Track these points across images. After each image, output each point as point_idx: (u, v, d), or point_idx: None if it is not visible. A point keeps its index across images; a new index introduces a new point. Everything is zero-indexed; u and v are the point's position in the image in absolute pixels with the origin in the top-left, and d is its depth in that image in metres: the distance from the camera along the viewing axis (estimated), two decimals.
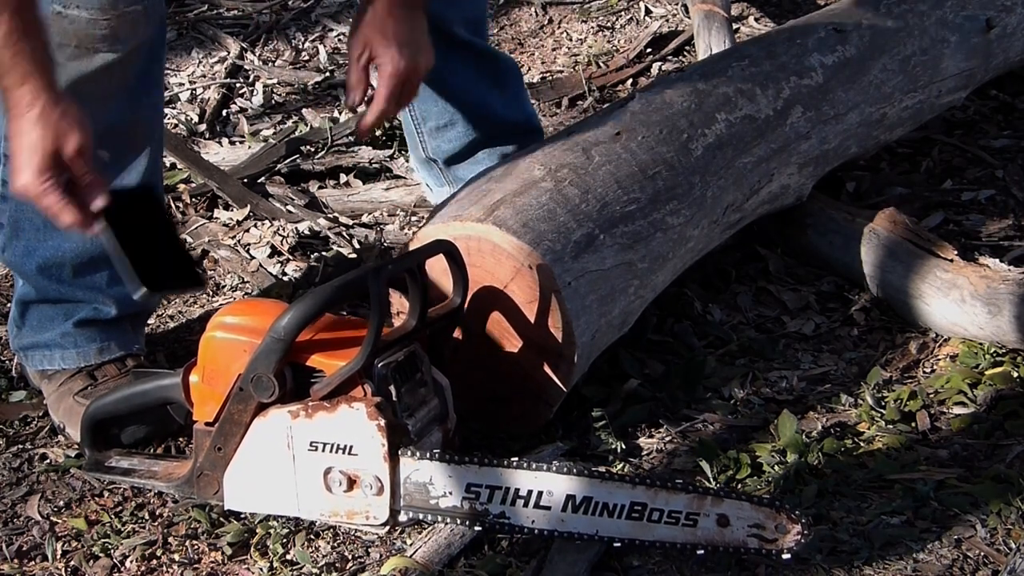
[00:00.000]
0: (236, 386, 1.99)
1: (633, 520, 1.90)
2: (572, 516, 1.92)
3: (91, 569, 2.06)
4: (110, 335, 2.38)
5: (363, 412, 1.95)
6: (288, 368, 1.98)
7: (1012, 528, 2.04)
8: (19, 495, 2.22)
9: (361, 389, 1.97)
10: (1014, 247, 2.83)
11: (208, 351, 2.05)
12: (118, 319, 2.37)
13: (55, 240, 2.29)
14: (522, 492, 1.94)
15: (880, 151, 3.14)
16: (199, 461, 2.06)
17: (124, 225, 1.98)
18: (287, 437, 1.98)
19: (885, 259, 2.66)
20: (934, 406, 2.39)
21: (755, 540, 1.87)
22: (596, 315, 2.24)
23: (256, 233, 2.88)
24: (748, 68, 2.69)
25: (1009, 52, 3.17)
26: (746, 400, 2.41)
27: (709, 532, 1.89)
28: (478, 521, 1.96)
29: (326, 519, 2.02)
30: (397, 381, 2.00)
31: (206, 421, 2.05)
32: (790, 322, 2.66)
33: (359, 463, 1.96)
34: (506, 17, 3.89)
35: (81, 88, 2.09)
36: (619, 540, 1.92)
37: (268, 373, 1.96)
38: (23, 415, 2.41)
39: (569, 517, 1.93)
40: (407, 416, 2.01)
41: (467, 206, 2.24)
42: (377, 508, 1.97)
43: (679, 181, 2.42)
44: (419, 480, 1.96)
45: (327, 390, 1.97)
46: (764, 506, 1.87)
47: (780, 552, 1.87)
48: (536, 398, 2.24)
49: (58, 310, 2.35)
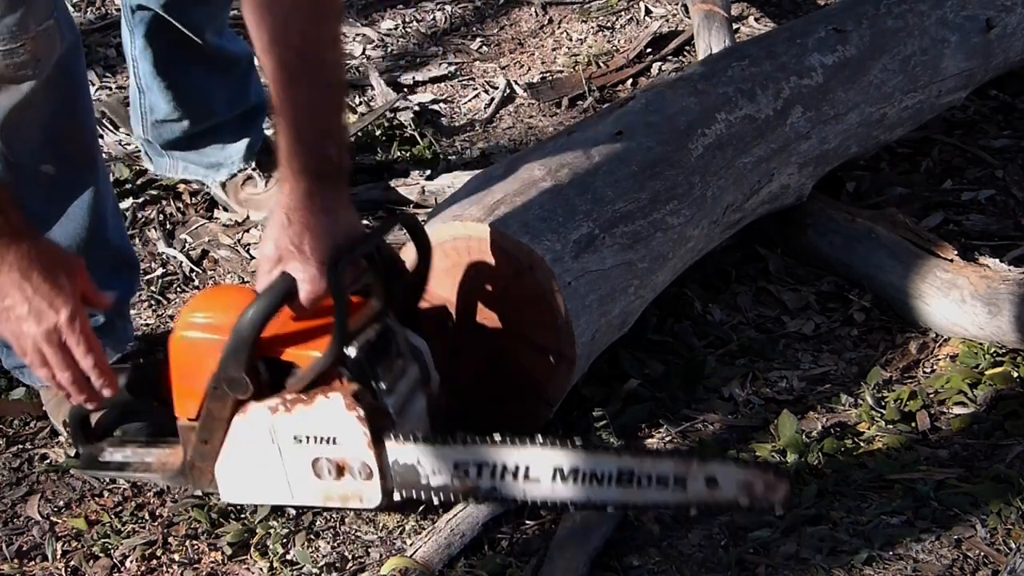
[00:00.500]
0: (211, 384, 1.97)
1: (623, 487, 1.91)
2: (562, 486, 1.93)
3: (91, 569, 2.06)
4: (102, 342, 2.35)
5: (341, 403, 1.94)
6: (261, 362, 1.95)
7: (1012, 528, 2.04)
8: (19, 495, 2.22)
9: (337, 379, 1.95)
10: (1014, 247, 2.83)
11: (179, 352, 2.02)
12: (108, 323, 2.35)
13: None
14: (509, 467, 1.94)
15: (880, 151, 3.13)
16: (188, 455, 2.04)
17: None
18: (270, 432, 1.98)
19: (885, 259, 2.66)
20: (934, 406, 2.39)
21: (745, 498, 1.88)
22: (596, 315, 2.24)
23: (256, 233, 2.88)
24: (748, 68, 2.69)
25: (1009, 52, 3.17)
26: (746, 400, 2.41)
27: (699, 494, 1.90)
28: (471, 496, 1.97)
29: (322, 504, 2.02)
30: (372, 362, 1.98)
31: (188, 417, 2.03)
32: (790, 322, 2.66)
33: (345, 452, 1.96)
34: (506, 17, 3.89)
35: (15, 119, 2.05)
36: (612, 505, 1.93)
37: (239, 372, 1.93)
38: (23, 415, 2.40)
39: (559, 487, 1.93)
40: (387, 395, 1.99)
41: (467, 206, 2.24)
42: (370, 492, 1.98)
43: (679, 181, 2.42)
44: (407, 462, 1.96)
45: (303, 384, 1.95)
46: (750, 467, 1.89)
47: (772, 508, 1.88)
48: (536, 398, 2.24)
49: None
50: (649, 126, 2.46)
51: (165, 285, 2.76)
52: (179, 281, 2.77)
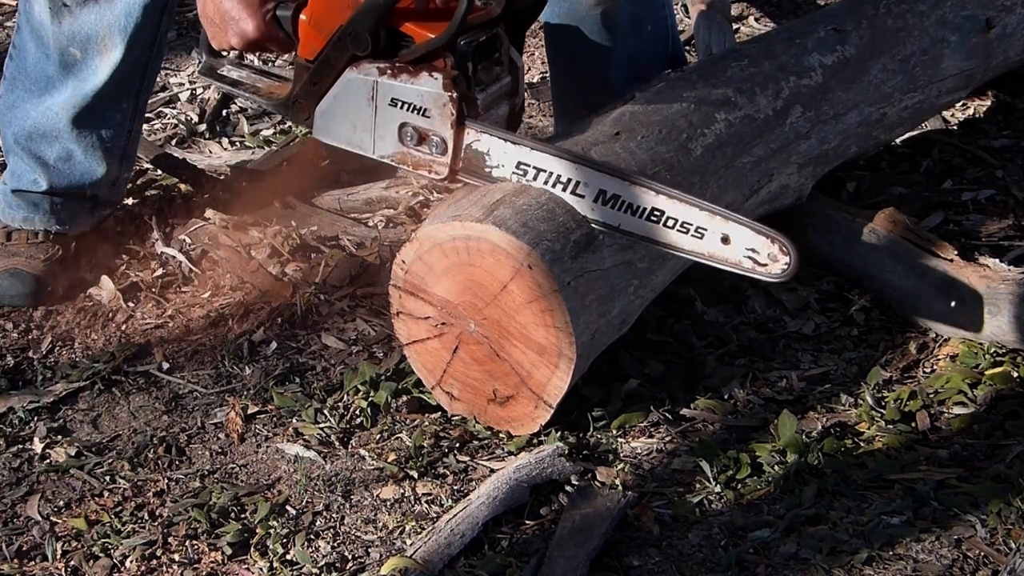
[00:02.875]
0: (336, 35, 2.26)
1: (651, 222, 2.19)
2: (601, 207, 2.22)
3: (91, 569, 2.06)
4: (37, 209, 2.73)
5: (440, 82, 2.23)
6: (384, 30, 2.24)
7: (1012, 528, 2.04)
8: (19, 495, 2.22)
9: (443, 61, 2.23)
10: (1014, 247, 2.83)
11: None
12: (48, 193, 2.69)
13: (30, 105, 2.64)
14: (563, 178, 2.24)
15: (880, 151, 3.14)
16: (296, 90, 2.35)
17: None
18: (372, 89, 2.28)
19: (885, 259, 2.66)
20: (934, 406, 2.39)
21: (749, 262, 2.16)
22: (596, 315, 2.24)
23: (256, 234, 2.88)
24: (748, 68, 2.69)
25: (1009, 52, 3.17)
26: (746, 400, 2.41)
27: (712, 246, 2.17)
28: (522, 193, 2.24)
29: (395, 164, 2.32)
30: (475, 58, 2.26)
31: (307, 58, 2.32)
32: (790, 322, 2.66)
33: (430, 124, 2.26)
34: None
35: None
36: (637, 236, 2.21)
37: (365, 30, 2.24)
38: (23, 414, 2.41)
39: (599, 208, 2.23)
40: (479, 91, 2.28)
41: (466, 206, 2.24)
42: (439, 165, 2.29)
43: (679, 181, 2.42)
44: (479, 149, 2.28)
45: (413, 56, 2.24)
46: (761, 234, 2.14)
47: (769, 275, 2.15)
48: (536, 398, 2.24)
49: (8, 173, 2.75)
50: (648, 126, 2.46)
51: (165, 285, 2.76)
52: (179, 281, 2.77)
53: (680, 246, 2.20)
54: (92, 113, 2.65)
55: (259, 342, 2.58)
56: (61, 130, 2.65)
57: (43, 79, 2.64)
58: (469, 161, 2.29)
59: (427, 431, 2.31)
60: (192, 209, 2.96)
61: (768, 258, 2.16)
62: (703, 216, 2.17)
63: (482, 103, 2.29)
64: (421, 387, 2.37)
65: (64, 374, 2.51)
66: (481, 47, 2.28)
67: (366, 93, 2.29)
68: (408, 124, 2.27)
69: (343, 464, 2.26)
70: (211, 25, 2.39)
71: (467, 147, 2.28)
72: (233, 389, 2.47)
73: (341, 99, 2.31)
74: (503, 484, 2.12)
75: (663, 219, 2.19)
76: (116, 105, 2.67)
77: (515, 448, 2.26)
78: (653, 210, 2.19)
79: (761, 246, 2.16)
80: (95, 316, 2.68)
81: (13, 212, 2.76)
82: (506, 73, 2.36)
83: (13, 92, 2.69)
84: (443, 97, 2.24)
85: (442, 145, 2.27)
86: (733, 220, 2.17)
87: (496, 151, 2.27)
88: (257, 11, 2.34)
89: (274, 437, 2.34)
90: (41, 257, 2.73)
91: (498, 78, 2.34)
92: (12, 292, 2.70)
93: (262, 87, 2.49)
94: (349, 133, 2.34)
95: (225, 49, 2.42)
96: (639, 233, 2.21)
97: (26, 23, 2.63)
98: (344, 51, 2.28)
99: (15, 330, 2.66)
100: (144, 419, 2.40)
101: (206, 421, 2.39)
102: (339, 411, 2.38)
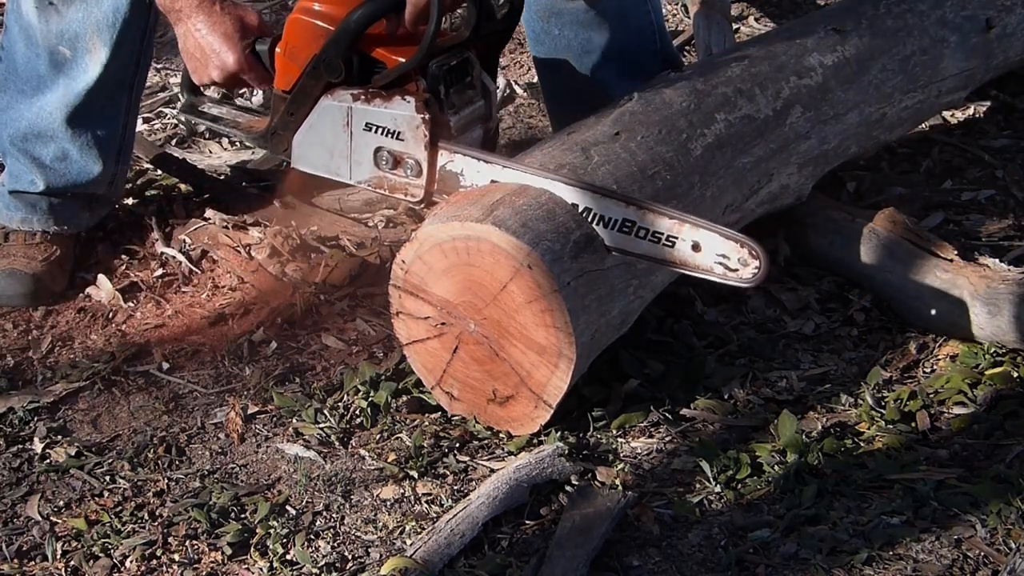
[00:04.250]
0: (311, 64, 2.32)
1: (623, 233, 2.21)
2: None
3: (91, 569, 2.06)
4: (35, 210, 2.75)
5: (412, 104, 2.28)
6: (356, 56, 2.31)
7: (1012, 528, 2.04)
8: (19, 495, 2.22)
9: (415, 84, 2.28)
10: (1014, 247, 2.83)
11: (293, 29, 2.36)
12: (45, 194, 2.71)
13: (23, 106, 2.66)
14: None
15: (880, 151, 3.14)
16: (274, 122, 2.42)
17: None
18: (347, 115, 2.34)
19: (885, 259, 2.66)
20: (934, 406, 2.39)
21: (720, 268, 2.17)
22: (595, 315, 2.24)
23: (256, 234, 2.88)
24: (748, 68, 2.69)
25: (1009, 52, 3.17)
26: (746, 400, 2.41)
27: (683, 253, 2.19)
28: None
29: (372, 188, 2.37)
30: (447, 81, 2.32)
31: (283, 89, 2.39)
32: (790, 322, 2.66)
33: (404, 147, 2.31)
34: None
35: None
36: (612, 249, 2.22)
37: (338, 57, 2.30)
38: (23, 414, 2.41)
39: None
40: (452, 113, 2.33)
41: (466, 206, 2.24)
42: (415, 188, 2.33)
43: (678, 181, 2.42)
44: (452, 170, 2.31)
45: (386, 81, 2.30)
46: (731, 239, 2.15)
47: (740, 281, 2.17)
48: (536, 398, 2.24)
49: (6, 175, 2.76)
50: (648, 126, 2.46)
51: (165, 285, 2.77)
52: (179, 281, 2.77)
53: (652, 255, 2.21)
54: (86, 111, 2.65)
55: (259, 342, 2.59)
56: (56, 130, 2.66)
57: (35, 79, 2.64)
58: (444, 182, 2.31)
59: (427, 431, 2.31)
60: (192, 209, 2.96)
61: (739, 263, 2.16)
62: (672, 224, 2.18)
63: (455, 125, 2.33)
64: (421, 387, 2.37)
65: (64, 374, 2.51)
66: (453, 71, 2.33)
67: (341, 119, 2.34)
68: (383, 148, 2.32)
69: (343, 464, 2.26)
70: (192, 60, 2.44)
71: (441, 168, 2.31)
72: (233, 389, 2.47)
73: (317, 126, 2.37)
74: (503, 484, 2.12)
75: (634, 230, 2.20)
76: (109, 102, 2.67)
77: (515, 448, 2.26)
78: (625, 221, 2.20)
79: (731, 251, 2.16)
80: (95, 316, 2.69)
81: (11, 213, 2.77)
82: (479, 97, 2.39)
83: (6, 94, 2.70)
84: (416, 119, 2.28)
85: (417, 167, 2.31)
86: (702, 227, 2.17)
87: (469, 170, 2.30)
88: (236, 45, 2.40)
89: (274, 437, 2.34)
90: (39, 257, 2.73)
91: (471, 101, 2.38)
92: (10, 293, 2.71)
93: (242, 122, 2.56)
94: (327, 160, 2.39)
95: (206, 83, 2.48)
96: (613, 246, 2.22)
97: (15, 23, 2.63)
98: (319, 79, 2.33)
99: (15, 330, 2.66)
100: (144, 419, 2.40)
101: (206, 421, 2.39)
102: (339, 411, 2.38)
